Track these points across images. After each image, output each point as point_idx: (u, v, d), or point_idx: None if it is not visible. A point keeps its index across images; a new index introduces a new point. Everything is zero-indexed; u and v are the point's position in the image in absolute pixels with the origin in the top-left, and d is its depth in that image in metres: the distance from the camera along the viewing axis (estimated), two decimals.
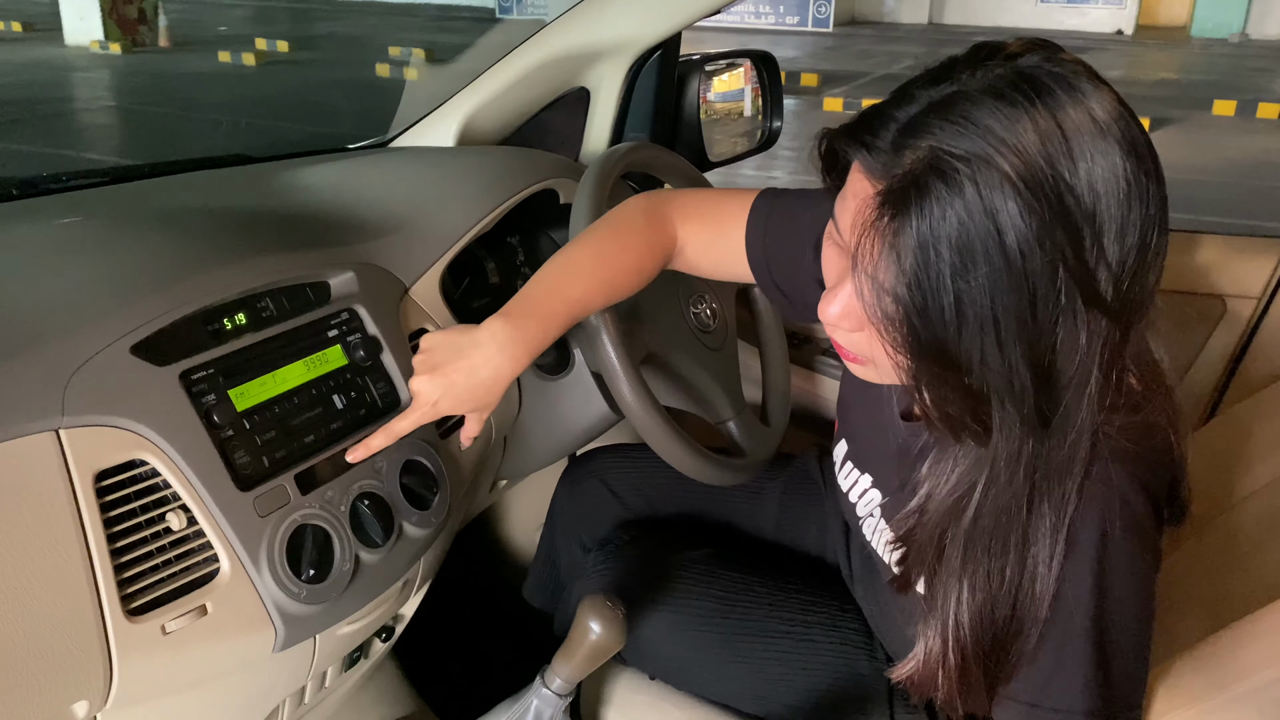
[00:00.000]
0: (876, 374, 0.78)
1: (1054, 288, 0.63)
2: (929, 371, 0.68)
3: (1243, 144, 7.75)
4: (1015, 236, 0.61)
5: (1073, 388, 0.66)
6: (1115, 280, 0.64)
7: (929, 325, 0.65)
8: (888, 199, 0.65)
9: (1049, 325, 0.64)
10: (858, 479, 1.00)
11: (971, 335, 0.64)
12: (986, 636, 0.76)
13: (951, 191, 0.62)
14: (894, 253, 0.65)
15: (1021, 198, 0.61)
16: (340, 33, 13.53)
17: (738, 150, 1.79)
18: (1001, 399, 0.66)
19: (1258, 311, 1.52)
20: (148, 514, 0.80)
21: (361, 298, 1.03)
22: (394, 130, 1.55)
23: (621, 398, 1.09)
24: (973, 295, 0.63)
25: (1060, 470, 0.70)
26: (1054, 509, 0.72)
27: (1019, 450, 0.69)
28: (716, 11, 1.44)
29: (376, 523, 0.93)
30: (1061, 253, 0.62)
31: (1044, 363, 0.65)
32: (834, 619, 1.12)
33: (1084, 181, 0.62)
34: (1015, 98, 0.63)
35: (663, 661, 1.13)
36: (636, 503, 1.32)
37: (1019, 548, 0.73)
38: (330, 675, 1.06)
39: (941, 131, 0.63)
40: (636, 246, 1.04)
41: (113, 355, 0.81)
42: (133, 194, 1.19)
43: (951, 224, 0.62)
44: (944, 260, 0.63)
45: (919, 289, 0.64)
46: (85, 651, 0.75)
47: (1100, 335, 0.65)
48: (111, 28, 11.05)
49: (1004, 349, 0.64)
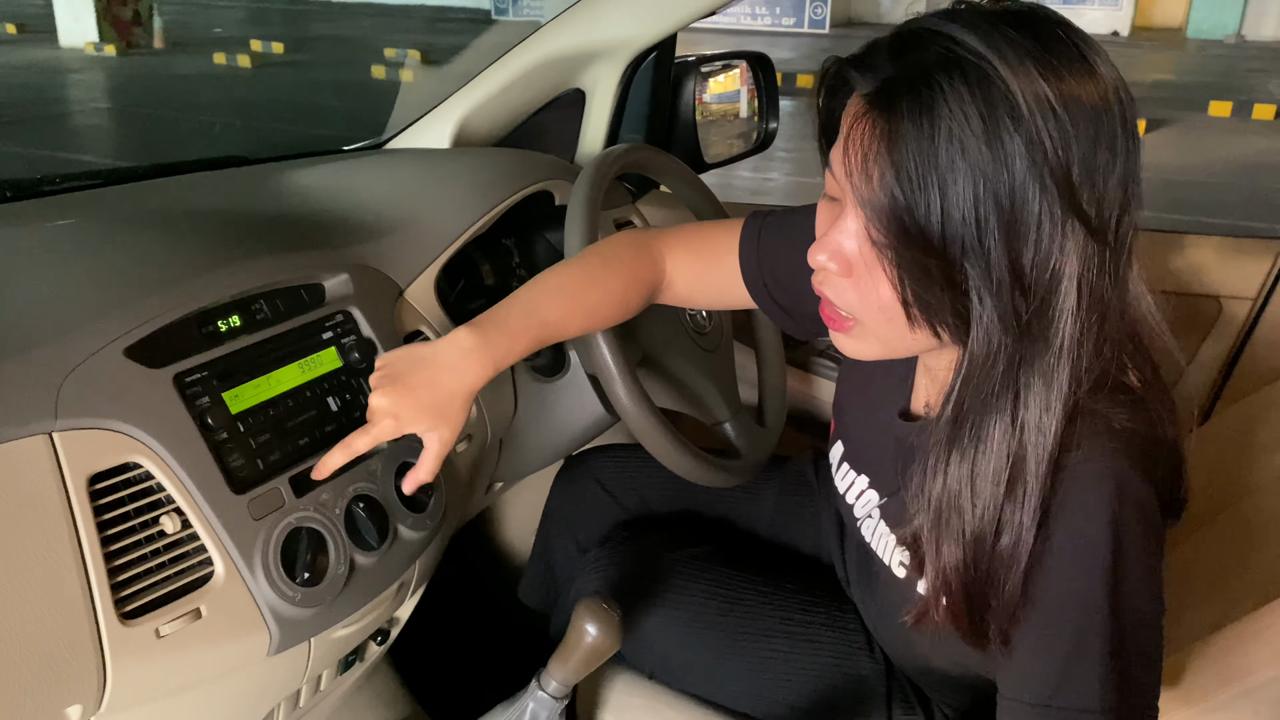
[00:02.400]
0: (864, 340, 0.80)
1: (1037, 193, 0.66)
2: (914, 262, 0.70)
3: (1238, 145, 7.77)
4: (1004, 143, 0.65)
5: (1050, 294, 0.69)
6: (1097, 199, 0.68)
7: (915, 215, 0.68)
8: (879, 96, 0.69)
9: (1029, 226, 0.67)
10: (854, 480, 1.00)
11: (954, 228, 0.67)
12: (970, 556, 0.75)
13: (946, 81, 0.66)
14: (885, 142, 0.68)
15: (1013, 109, 0.65)
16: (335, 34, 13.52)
17: (734, 152, 1.79)
18: (980, 294, 0.69)
19: (1253, 312, 1.53)
20: (141, 517, 0.79)
21: (356, 300, 1.03)
22: (389, 132, 1.55)
23: (617, 400, 1.08)
24: (959, 188, 0.66)
25: (1043, 381, 0.71)
26: (1039, 427, 0.71)
27: (996, 348, 0.70)
28: (712, 13, 1.43)
29: (371, 525, 0.93)
30: (1048, 167, 0.66)
31: (1022, 262, 0.68)
32: (832, 618, 1.12)
33: (1075, 119, 0.66)
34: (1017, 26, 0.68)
35: (660, 659, 1.13)
36: (632, 503, 1.32)
37: (1000, 455, 0.72)
38: (325, 678, 1.06)
39: (943, 29, 0.68)
40: (621, 275, 1.04)
41: (106, 358, 0.81)
42: (127, 196, 1.19)
43: (942, 114, 0.66)
44: (932, 150, 0.66)
45: (907, 177, 0.67)
46: (79, 655, 0.75)
47: (1079, 249, 0.68)
48: (106, 29, 11.04)
49: (985, 244, 0.67)
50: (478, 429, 1.14)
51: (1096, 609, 0.73)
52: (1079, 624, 0.74)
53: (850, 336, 0.81)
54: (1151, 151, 7.38)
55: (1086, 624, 0.74)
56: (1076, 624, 0.74)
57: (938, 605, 0.80)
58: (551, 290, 1.00)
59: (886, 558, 0.94)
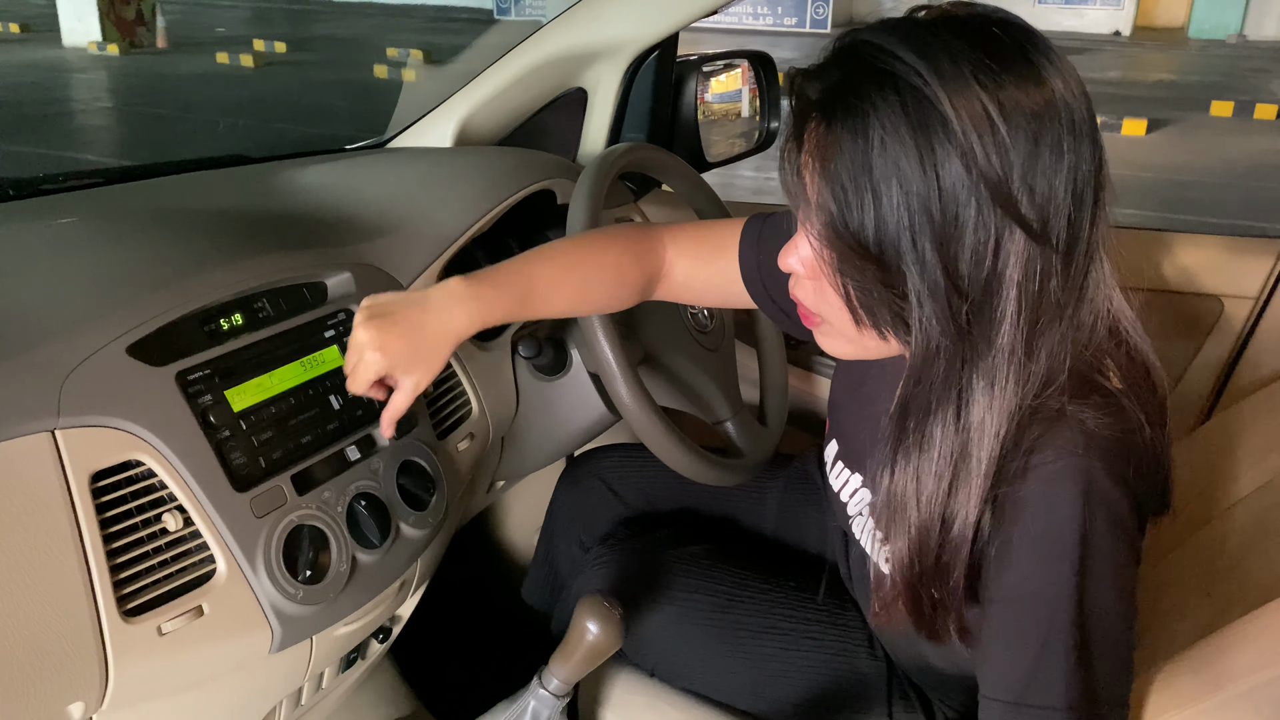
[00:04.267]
0: (837, 338, 0.82)
1: (971, 198, 0.67)
2: (855, 270, 0.72)
3: (1240, 145, 7.76)
4: (936, 156, 0.67)
5: (989, 297, 0.70)
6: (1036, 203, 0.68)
7: (850, 225, 0.70)
8: (819, 105, 0.71)
9: (963, 232, 0.68)
10: (848, 479, 1.00)
11: (889, 237, 0.69)
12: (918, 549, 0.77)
13: (879, 97, 0.68)
14: (821, 155, 0.70)
15: (945, 124, 0.66)
16: (338, 34, 13.53)
17: (735, 151, 1.79)
18: (919, 297, 0.70)
19: (1255, 312, 1.53)
20: (144, 515, 0.80)
21: (358, 298, 1.03)
22: (391, 131, 1.55)
23: (619, 398, 1.09)
24: (891, 199, 0.68)
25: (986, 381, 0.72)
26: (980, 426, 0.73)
27: (935, 349, 0.72)
28: (714, 12, 1.44)
29: (373, 523, 0.93)
30: (979, 166, 0.66)
31: (957, 264, 0.69)
32: (834, 617, 1.12)
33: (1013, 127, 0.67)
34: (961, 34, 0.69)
35: (662, 657, 1.13)
36: (636, 501, 1.32)
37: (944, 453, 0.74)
38: (327, 676, 1.06)
39: (872, 50, 0.69)
40: (616, 250, 1.04)
41: (109, 356, 0.81)
42: (130, 195, 1.19)
43: (875, 130, 0.67)
44: (864, 164, 0.68)
45: (840, 188, 0.69)
46: (81, 652, 0.75)
47: (1019, 253, 0.68)
48: (109, 29, 11.05)
49: (918, 246, 0.69)
50: (479, 427, 1.14)
51: (1063, 607, 0.74)
52: (1047, 622, 0.74)
53: (823, 334, 0.84)
54: (1153, 151, 7.38)
55: (1053, 622, 0.74)
56: (1044, 622, 0.74)
57: (896, 599, 0.82)
58: (546, 253, 1.00)
59: (874, 554, 0.94)
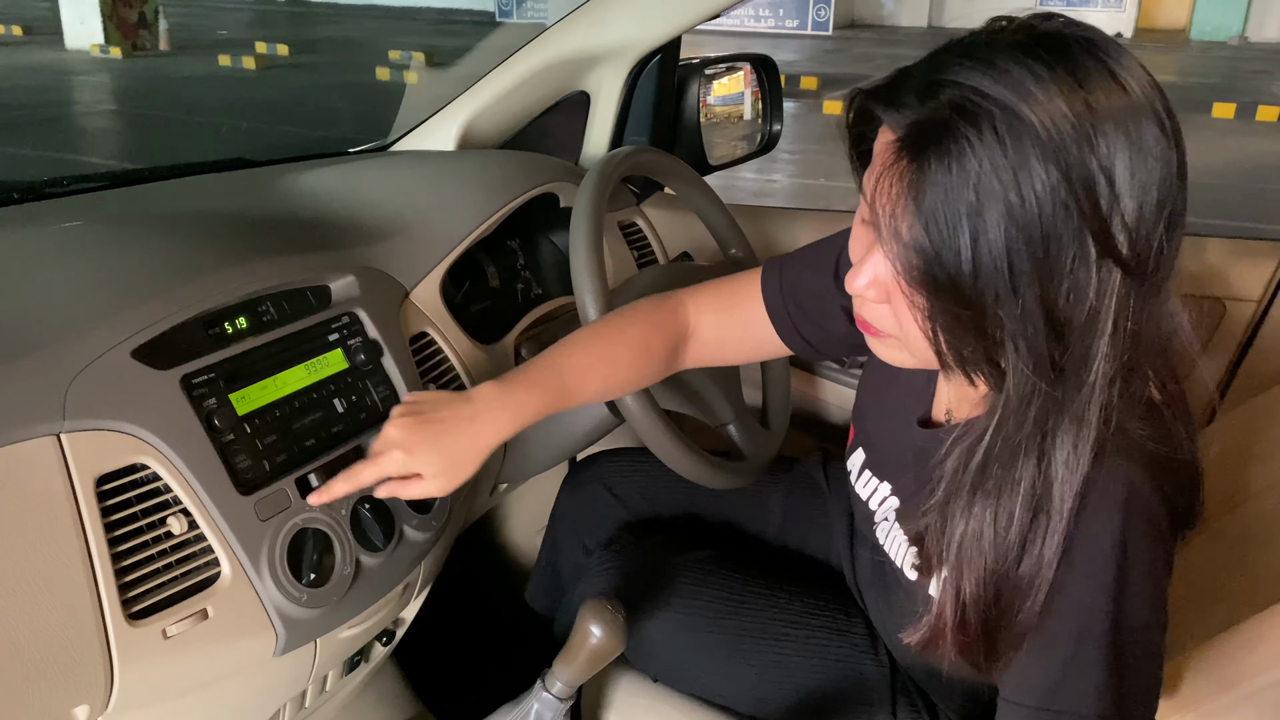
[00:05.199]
0: (901, 351, 0.79)
1: (1069, 235, 0.65)
2: (946, 312, 0.69)
3: (1242, 146, 7.75)
4: (1034, 182, 0.64)
5: (1085, 337, 0.67)
6: (1130, 235, 0.66)
7: (945, 265, 0.67)
8: (907, 143, 0.67)
9: (1062, 271, 0.65)
10: (876, 487, 1.00)
11: (987, 276, 0.66)
12: (990, 591, 0.75)
13: (972, 132, 0.64)
14: (913, 193, 0.67)
15: (1042, 145, 0.63)
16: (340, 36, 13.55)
17: (738, 154, 1.79)
18: (1015, 341, 0.68)
19: (1258, 314, 1.52)
20: (149, 518, 0.80)
21: (362, 301, 1.03)
22: (394, 134, 1.56)
23: (622, 402, 1.09)
24: (989, 235, 0.65)
25: (1073, 421, 0.70)
26: (1066, 464, 0.71)
27: (1030, 394, 0.70)
28: (716, 15, 1.44)
29: (377, 526, 0.93)
30: (1078, 202, 0.64)
31: (1056, 307, 0.66)
32: (838, 622, 1.12)
33: (1107, 137, 0.65)
34: (1039, 53, 0.66)
35: (666, 662, 1.13)
36: (639, 505, 1.32)
37: (1027, 496, 0.72)
38: (331, 679, 1.06)
39: (965, 79, 0.66)
40: (639, 325, 1.04)
41: (114, 359, 0.81)
42: (133, 198, 1.19)
43: (970, 164, 0.64)
44: (961, 199, 0.65)
45: (936, 227, 0.66)
46: (86, 655, 0.75)
47: (1113, 289, 0.66)
48: (112, 31, 11.06)
49: (1018, 291, 0.66)
50: None
51: (1098, 616, 0.73)
52: (1080, 630, 0.74)
53: (886, 345, 0.80)
54: None
55: (1087, 630, 0.74)
56: (1078, 630, 0.74)
57: (949, 635, 0.79)
58: (571, 343, 1.01)
59: (899, 560, 0.94)
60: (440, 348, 1.13)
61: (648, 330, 1.04)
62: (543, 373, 0.96)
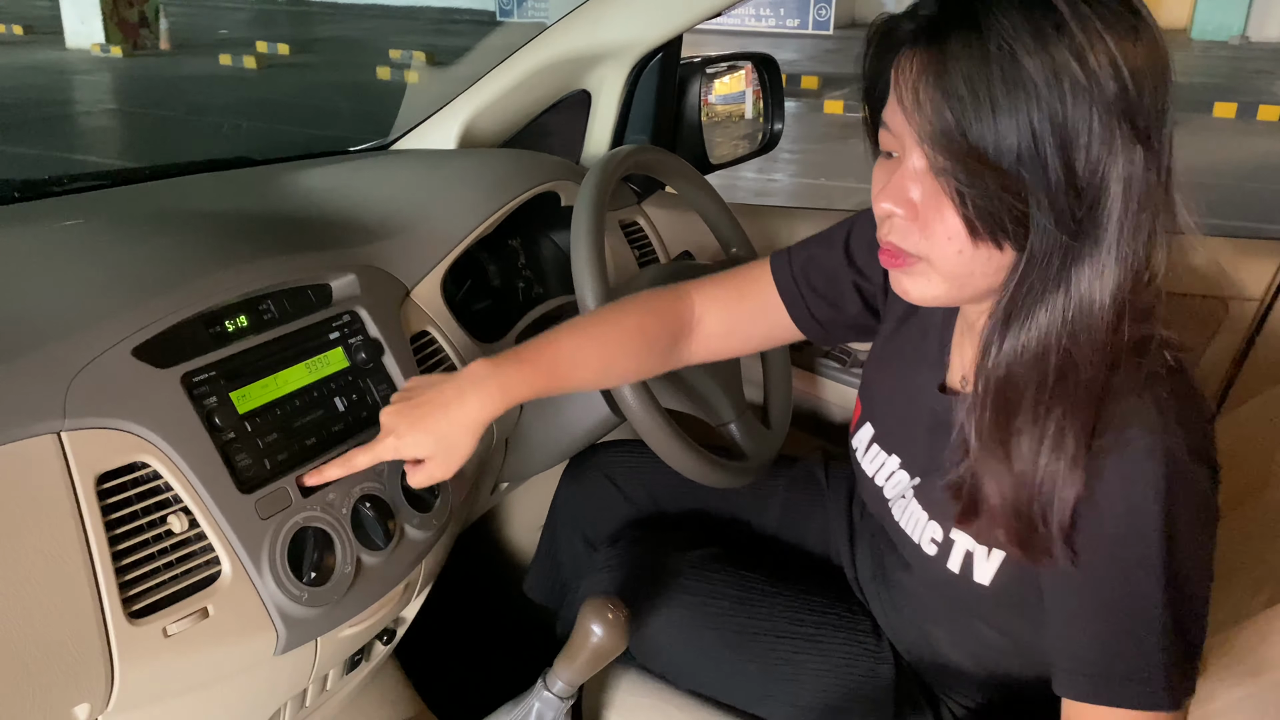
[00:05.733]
0: (929, 277, 0.80)
1: (1086, 97, 0.69)
2: (972, 176, 0.72)
3: (1244, 146, 7.75)
4: (1053, 44, 0.69)
5: (1100, 194, 0.71)
6: (1143, 109, 0.71)
7: (969, 133, 0.71)
8: (926, 29, 0.73)
9: (1079, 130, 0.70)
10: (884, 462, 1.00)
11: (1009, 138, 0.70)
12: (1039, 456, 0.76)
13: (989, 4, 0.70)
14: (933, 71, 0.71)
15: (1058, 11, 0.69)
16: (341, 35, 13.54)
17: (739, 153, 1.79)
18: (1037, 196, 0.71)
19: (1259, 313, 1.52)
20: (149, 516, 0.80)
21: (363, 300, 1.03)
22: (395, 133, 1.56)
23: (623, 400, 1.09)
24: (1012, 98, 0.69)
25: (1093, 273, 0.73)
26: (1086, 320, 0.74)
27: (1052, 247, 0.73)
28: (717, 14, 1.44)
29: (378, 525, 0.93)
30: (1093, 64, 0.69)
31: (1074, 163, 0.70)
32: (842, 620, 1.12)
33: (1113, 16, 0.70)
34: None
35: (670, 659, 1.13)
36: (641, 499, 1.32)
37: (1048, 338, 0.75)
38: (332, 678, 1.06)
39: None
40: (639, 311, 1.05)
41: (114, 358, 0.81)
42: (134, 197, 1.19)
43: (990, 32, 0.69)
44: (986, 67, 0.69)
45: (959, 99, 0.70)
46: (87, 654, 0.75)
47: (1126, 151, 0.71)
48: (113, 31, 11.06)
49: (1039, 148, 0.70)
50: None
51: (1152, 584, 0.75)
52: (1136, 597, 0.75)
53: (912, 276, 0.82)
54: None
55: (1142, 596, 0.75)
56: (1133, 597, 0.75)
57: (991, 502, 0.80)
58: (568, 325, 1.01)
59: (917, 536, 0.94)
60: (441, 346, 1.13)
61: (646, 317, 1.04)
62: (534, 352, 0.96)
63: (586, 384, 1.02)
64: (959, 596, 0.92)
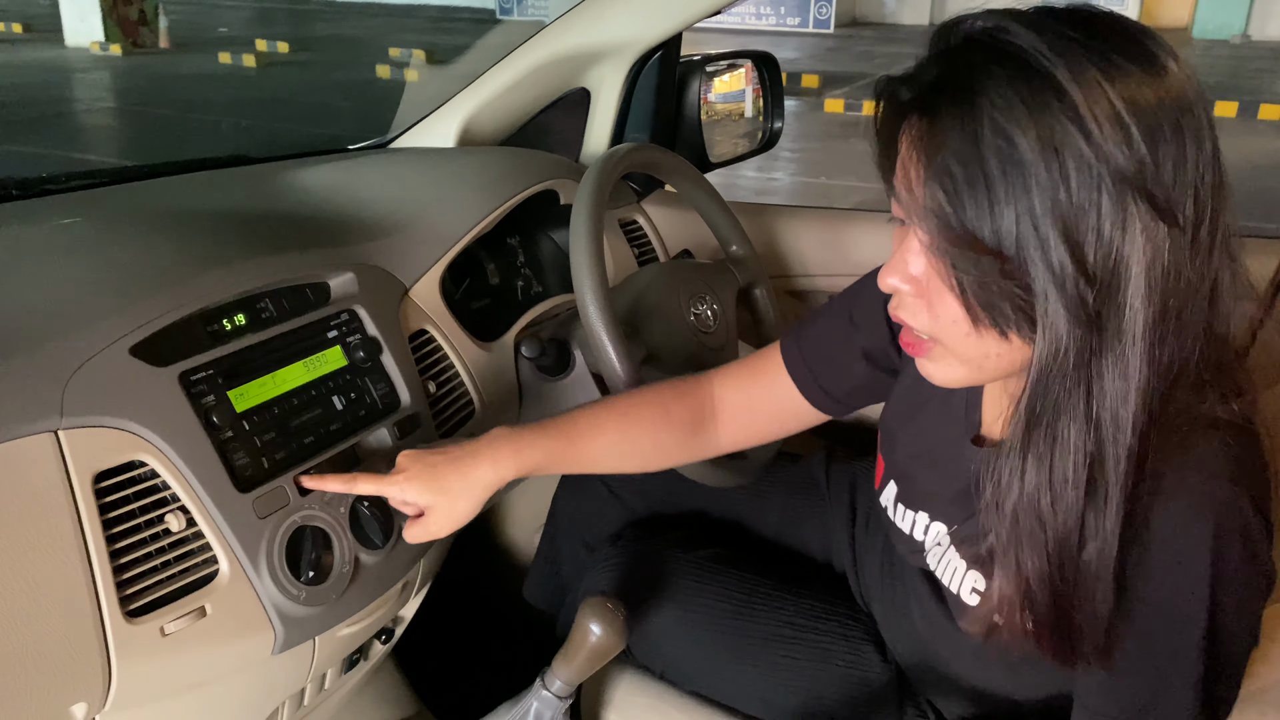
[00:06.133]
0: (948, 360, 0.76)
1: (1092, 174, 0.63)
2: (968, 261, 0.67)
3: (1244, 145, 7.74)
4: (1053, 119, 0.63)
5: (1116, 280, 0.65)
6: (1162, 183, 0.64)
7: (963, 215, 0.65)
8: (919, 100, 0.68)
9: (1087, 210, 0.64)
10: (915, 518, 0.97)
11: (1007, 220, 0.64)
12: (1056, 564, 0.72)
13: (985, 76, 0.64)
14: (925, 147, 0.67)
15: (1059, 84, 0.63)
16: (340, 34, 13.53)
17: (739, 151, 1.79)
18: (1043, 285, 0.65)
19: (1260, 314, 1.52)
20: (147, 515, 0.80)
21: (361, 298, 1.03)
22: (394, 131, 1.55)
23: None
24: (1009, 178, 0.64)
25: (1118, 372, 0.67)
26: (1115, 420, 0.68)
27: (1066, 341, 0.67)
28: (717, 12, 1.43)
29: (376, 524, 0.93)
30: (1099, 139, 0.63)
31: (1083, 247, 0.64)
32: (844, 625, 1.12)
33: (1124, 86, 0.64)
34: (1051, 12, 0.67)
35: (672, 660, 1.13)
36: (637, 503, 1.32)
37: (1079, 451, 0.69)
38: (330, 677, 1.06)
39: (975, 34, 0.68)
40: (661, 390, 1.06)
41: (112, 356, 0.81)
42: (133, 195, 1.19)
43: (984, 110, 0.64)
44: (979, 146, 0.64)
45: (951, 177, 0.65)
46: (84, 653, 0.75)
47: (1146, 231, 0.64)
48: (112, 29, 11.05)
49: (1039, 230, 0.64)
50: (482, 428, 1.14)
51: (1194, 635, 0.71)
52: (1175, 646, 0.72)
53: (932, 360, 0.78)
54: None
55: (1184, 647, 0.72)
56: (1173, 645, 0.72)
57: (1014, 620, 0.77)
58: (589, 402, 1.04)
59: (955, 586, 0.90)
60: (440, 345, 1.12)
61: (667, 395, 1.06)
62: (553, 420, 0.99)
63: (604, 457, 1.02)
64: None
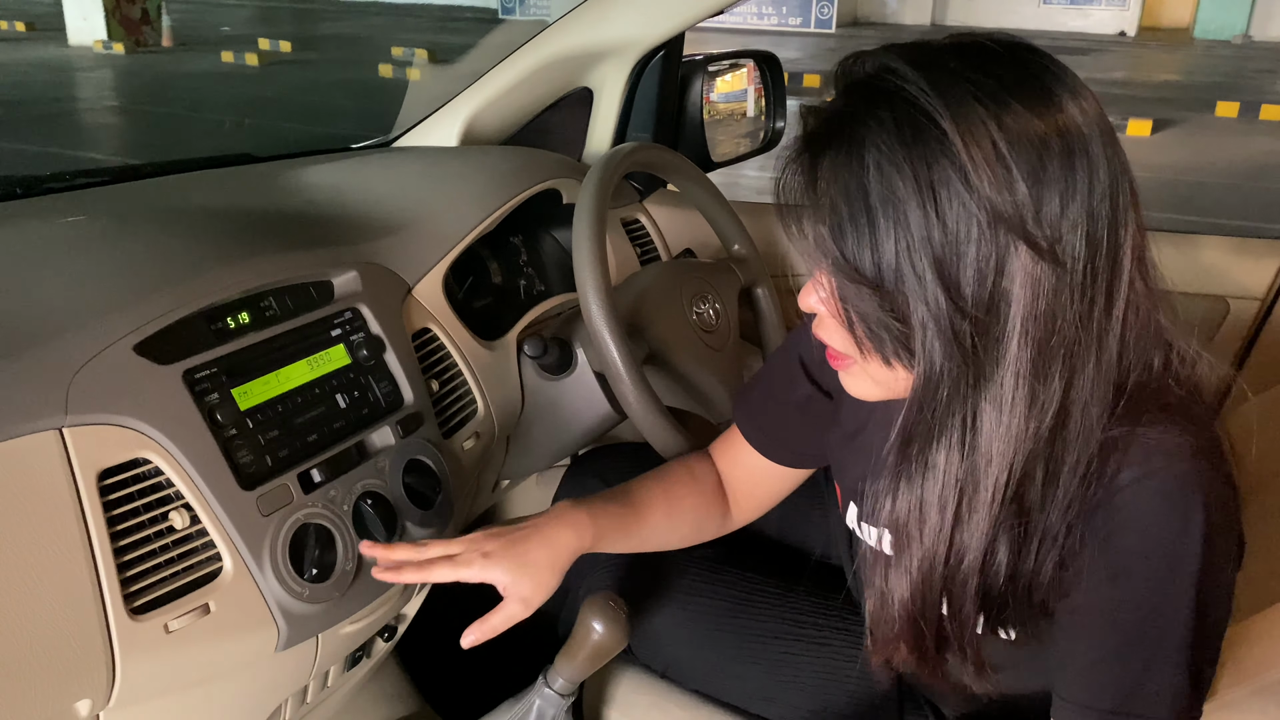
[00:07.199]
0: (863, 376, 0.78)
1: (968, 216, 0.65)
2: (852, 293, 0.70)
3: (1245, 146, 7.74)
4: (932, 160, 0.65)
5: (992, 317, 0.67)
6: (1046, 223, 0.65)
7: (842, 245, 0.68)
8: (809, 139, 0.71)
9: (963, 248, 0.66)
10: (879, 534, 0.97)
11: (886, 255, 0.67)
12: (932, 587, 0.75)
13: (868, 117, 0.67)
14: (807, 183, 0.70)
15: (939, 120, 0.64)
16: (343, 33, 13.55)
17: (740, 151, 1.79)
18: (921, 319, 0.68)
19: (1261, 312, 1.52)
20: (151, 513, 0.80)
21: (365, 297, 1.03)
22: (397, 130, 1.56)
23: (624, 398, 1.09)
24: (886, 216, 0.66)
25: (993, 405, 0.68)
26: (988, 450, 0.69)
27: (940, 372, 0.69)
28: (719, 12, 1.44)
29: (379, 522, 0.93)
30: (978, 182, 0.64)
31: (959, 284, 0.66)
32: (845, 622, 1.12)
33: (1012, 126, 0.65)
34: (951, 48, 0.69)
35: (674, 658, 1.13)
36: None
37: (946, 484, 0.71)
38: (333, 675, 1.06)
39: (866, 64, 0.70)
40: (686, 463, 1.10)
41: (116, 354, 0.81)
42: (136, 193, 1.19)
43: (865, 144, 0.66)
44: (861, 183, 0.66)
45: (832, 206, 0.68)
46: (88, 650, 0.75)
47: (1024, 271, 0.66)
48: (115, 28, 11.07)
49: (915, 266, 0.66)
50: (485, 426, 1.14)
51: (1181, 620, 0.71)
52: (1161, 634, 0.72)
53: (851, 375, 0.80)
54: (1158, 152, 7.36)
55: (1168, 635, 0.72)
56: (1157, 634, 0.72)
57: (897, 637, 0.80)
58: (637, 477, 1.07)
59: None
60: (443, 344, 1.13)
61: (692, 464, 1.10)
62: (610, 493, 1.02)
63: (659, 522, 1.05)
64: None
